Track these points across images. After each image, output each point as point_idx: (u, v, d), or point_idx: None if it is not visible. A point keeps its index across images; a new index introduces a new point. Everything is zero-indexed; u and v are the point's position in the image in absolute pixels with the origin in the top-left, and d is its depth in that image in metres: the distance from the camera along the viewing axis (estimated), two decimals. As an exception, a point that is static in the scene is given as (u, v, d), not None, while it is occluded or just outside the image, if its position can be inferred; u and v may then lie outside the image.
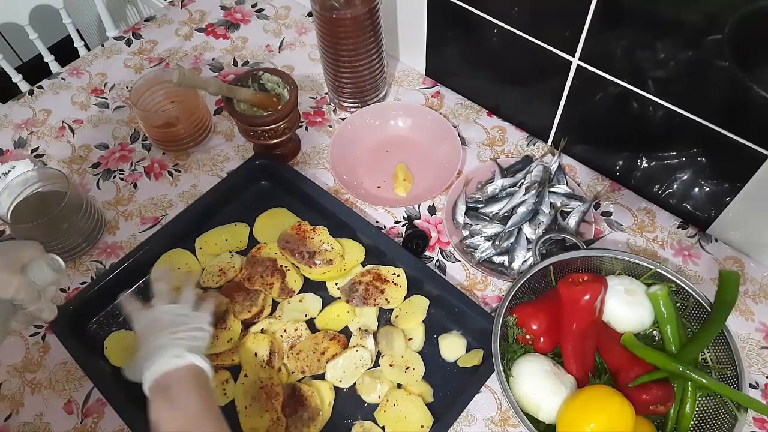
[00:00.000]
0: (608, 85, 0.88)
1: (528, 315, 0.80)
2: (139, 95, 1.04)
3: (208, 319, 0.79)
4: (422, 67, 1.17)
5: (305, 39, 1.25)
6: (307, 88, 1.17)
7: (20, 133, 1.13)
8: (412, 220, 1.00)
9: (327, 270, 0.90)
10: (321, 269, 0.90)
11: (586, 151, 1.02)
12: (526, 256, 0.92)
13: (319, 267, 0.90)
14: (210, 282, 0.91)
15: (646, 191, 0.99)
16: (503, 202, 0.96)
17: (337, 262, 0.91)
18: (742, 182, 0.84)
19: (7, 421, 0.85)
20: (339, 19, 0.96)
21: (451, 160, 1.02)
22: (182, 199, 1.04)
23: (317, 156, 1.09)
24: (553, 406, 0.73)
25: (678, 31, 0.75)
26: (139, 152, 1.10)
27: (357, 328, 0.87)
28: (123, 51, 1.25)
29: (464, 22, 0.99)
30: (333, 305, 0.90)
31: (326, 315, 0.89)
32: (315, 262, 0.90)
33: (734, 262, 0.93)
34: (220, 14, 1.31)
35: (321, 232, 0.93)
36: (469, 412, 0.83)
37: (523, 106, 1.06)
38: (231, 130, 1.12)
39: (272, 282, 0.90)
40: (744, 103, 0.76)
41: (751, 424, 0.81)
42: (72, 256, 0.97)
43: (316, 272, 0.91)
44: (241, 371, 0.84)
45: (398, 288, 0.89)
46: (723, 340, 0.76)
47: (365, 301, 0.87)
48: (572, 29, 0.85)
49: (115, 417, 0.80)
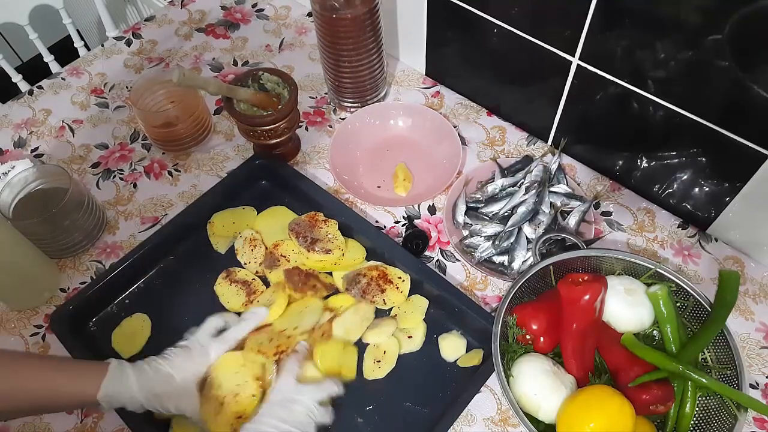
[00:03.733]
0: (608, 85, 0.88)
1: (528, 315, 0.80)
2: (138, 95, 1.04)
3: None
4: (422, 67, 1.17)
5: (305, 39, 1.25)
6: (307, 88, 1.17)
7: (20, 133, 1.13)
8: (412, 219, 1.00)
9: (323, 259, 0.91)
10: (317, 256, 0.91)
11: (586, 151, 1.03)
12: (526, 256, 0.92)
13: (317, 254, 0.91)
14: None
15: (646, 191, 0.99)
16: (503, 202, 0.96)
17: (335, 254, 0.92)
18: (742, 182, 0.84)
19: (7, 421, 0.85)
20: (339, 19, 0.96)
21: (451, 160, 1.02)
22: (182, 199, 1.04)
23: (317, 156, 1.09)
24: (553, 406, 0.73)
25: (678, 31, 0.75)
26: (139, 152, 1.10)
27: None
28: (123, 51, 1.25)
29: (464, 22, 0.99)
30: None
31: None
32: (315, 248, 0.91)
33: (734, 262, 0.93)
34: (220, 14, 1.31)
35: (331, 224, 0.95)
36: (469, 412, 0.83)
37: (523, 106, 1.06)
38: (231, 130, 1.12)
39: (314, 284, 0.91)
40: (744, 103, 0.76)
41: (751, 424, 0.81)
42: (72, 254, 0.97)
43: (312, 258, 0.92)
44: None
45: (399, 292, 0.89)
46: (723, 340, 0.76)
47: (364, 294, 0.88)
48: (572, 29, 0.85)
49: (115, 417, 0.79)
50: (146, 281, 0.94)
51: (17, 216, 0.93)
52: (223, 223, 0.98)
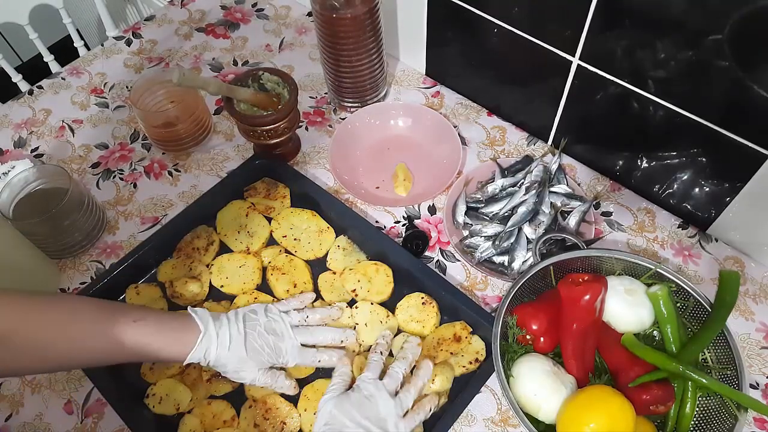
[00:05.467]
0: (608, 85, 0.88)
1: (528, 315, 0.80)
2: (138, 95, 1.04)
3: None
4: (422, 66, 1.17)
5: (305, 39, 1.25)
6: (307, 88, 1.17)
7: (20, 133, 1.13)
8: (412, 220, 1.00)
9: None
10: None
11: (587, 151, 1.02)
12: (526, 256, 0.92)
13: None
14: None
15: (647, 191, 0.99)
16: (503, 202, 0.96)
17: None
18: (743, 182, 0.84)
19: (7, 421, 0.85)
20: (339, 19, 0.96)
21: (451, 160, 1.02)
22: (182, 199, 1.04)
23: (317, 156, 1.09)
24: (553, 406, 0.73)
25: (678, 31, 0.75)
26: (139, 152, 1.10)
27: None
28: (123, 51, 1.25)
29: (464, 22, 0.99)
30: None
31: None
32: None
33: (734, 262, 0.93)
34: (220, 14, 1.31)
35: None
36: (469, 412, 0.83)
37: (524, 106, 1.06)
38: (231, 130, 1.12)
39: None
40: (744, 103, 0.76)
41: (752, 425, 0.81)
42: (72, 254, 0.97)
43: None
44: None
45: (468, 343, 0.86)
46: (723, 340, 0.76)
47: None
48: (572, 29, 0.85)
49: (115, 417, 0.80)
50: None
51: (17, 216, 0.93)
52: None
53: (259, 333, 0.80)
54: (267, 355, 0.80)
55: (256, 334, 0.80)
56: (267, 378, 0.80)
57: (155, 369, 0.85)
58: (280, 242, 0.95)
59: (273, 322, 0.82)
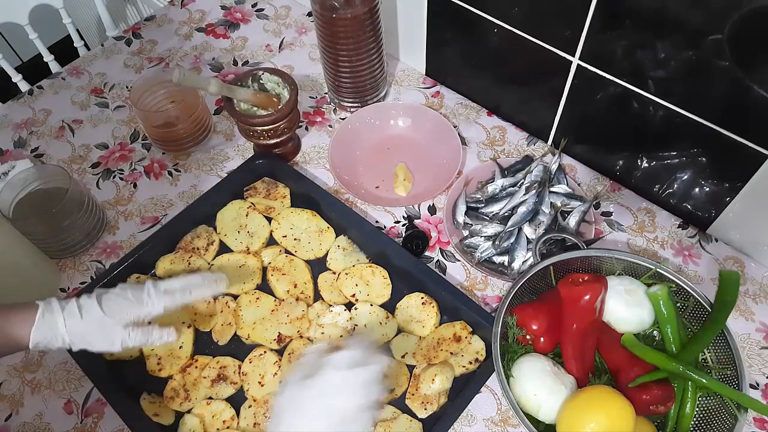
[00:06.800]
0: (608, 85, 0.88)
1: (528, 315, 0.80)
2: (138, 95, 1.04)
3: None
4: (422, 66, 1.17)
5: (305, 39, 1.25)
6: (307, 88, 1.17)
7: (20, 133, 1.13)
8: (412, 220, 1.00)
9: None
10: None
11: (586, 151, 1.02)
12: (526, 256, 0.92)
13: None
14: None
15: (647, 191, 0.99)
16: (503, 202, 0.96)
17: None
18: (742, 182, 0.84)
19: (7, 421, 0.85)
20: (339, 19, 0.96)
21: (451, 160, 1.02)
22: (182, 198, 1.04)
23: (317, 156, 1.08)
24: (553, 406, 0.73)
25: (678, 31, 0.75)
26: (139, 152, 1.10)
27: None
28: (123, 51, 1.25)
29: (464, 22, 0.99)
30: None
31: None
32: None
33: (734, 262, 0.93)
34: (220, 14, 1.31)
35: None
36: (469, 412, 0.83)
37: (523, 106, 1.06)
38: (231, 130, 1.12)
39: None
40: (744, 103, 0.76)
41: (752, 425, 0.81)
42: (72, 254, 0.97)
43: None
44: None
45: (468, 343, 0.86)
46: (723, 340, 0.76)
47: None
48: (572, 29, 0.85)
49: (115, 417, 0.80)
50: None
51: (17, 216, 0.93)
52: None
53: (115, 293, 0.75)
54: (128, 306, 0.74)
55: (112, 294, 0.75)
56: (138, 335, 0.74)
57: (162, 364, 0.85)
58: (280, 242, 0.95)
59: (128, 285, 0.78)
